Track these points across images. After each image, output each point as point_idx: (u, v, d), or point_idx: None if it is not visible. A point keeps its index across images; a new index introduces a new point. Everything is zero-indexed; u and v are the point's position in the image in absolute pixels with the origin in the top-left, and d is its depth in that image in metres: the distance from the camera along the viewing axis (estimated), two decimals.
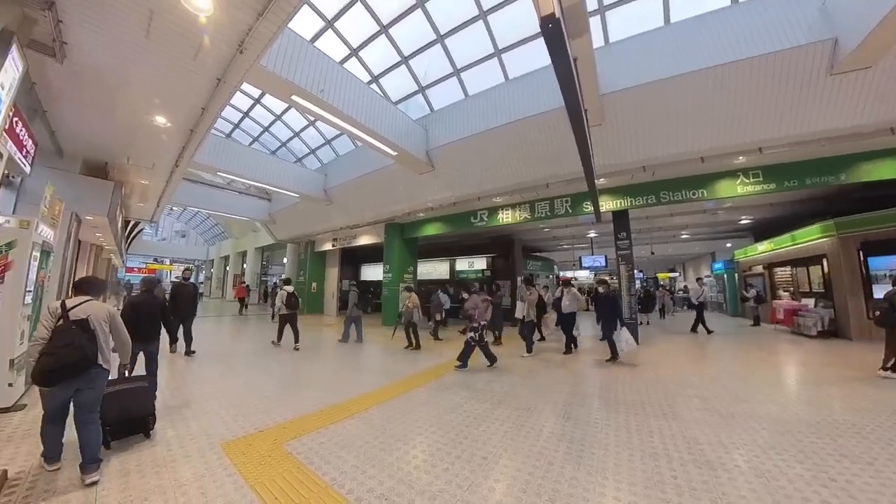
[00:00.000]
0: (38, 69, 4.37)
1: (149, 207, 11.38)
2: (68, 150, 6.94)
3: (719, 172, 8.33)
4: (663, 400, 4.29)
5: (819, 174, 7.59)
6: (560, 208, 10.04)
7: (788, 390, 4.76)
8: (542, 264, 20.70)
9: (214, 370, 5.79)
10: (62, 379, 2.45)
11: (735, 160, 7.77)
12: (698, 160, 7.64)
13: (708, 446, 3.01)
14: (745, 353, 7.61)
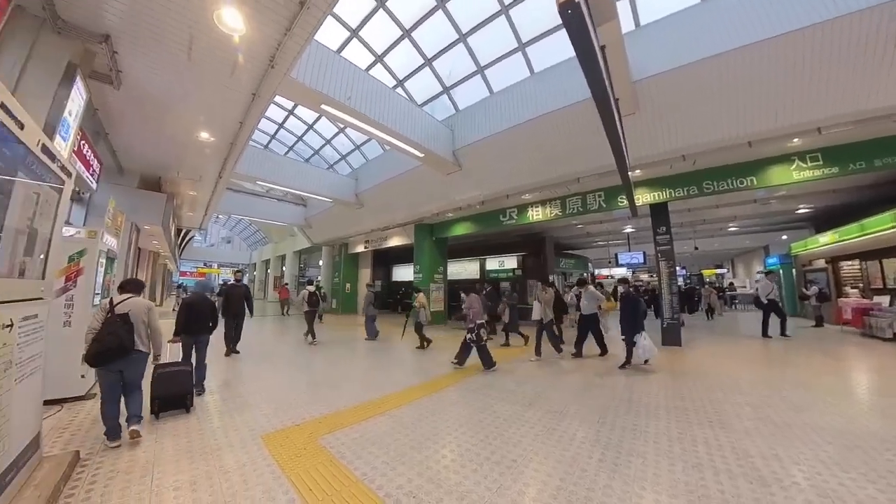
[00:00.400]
0: (100, 97, 4.86)
1: (197, 216, 12.32)
2: (127, 167, 7.67)
3: (771, 157, 7.61)
4: (709, 407, 4.00)
5: (891, 154, 6.72)
6: (593, 203, 9.66)
7: (858, 400, 4.26)
8: (576, 262, 20.07)
9: (258, 367, 6.12)
10: (106, 361, 2.97)
11: (789, 143, 7.07)
12: (745, 145, 7.01)
13: (761, 459, 2.77)
14: (804, 357, 6.86)
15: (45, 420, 3.45)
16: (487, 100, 8.84)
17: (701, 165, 8.05)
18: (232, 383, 5.08)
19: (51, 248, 2.45)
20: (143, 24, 3.75)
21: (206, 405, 4.10)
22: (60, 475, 2.47)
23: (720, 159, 7.71)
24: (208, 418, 3.69)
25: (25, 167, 2.00)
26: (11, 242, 1.96)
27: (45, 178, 2.26)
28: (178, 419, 3.68)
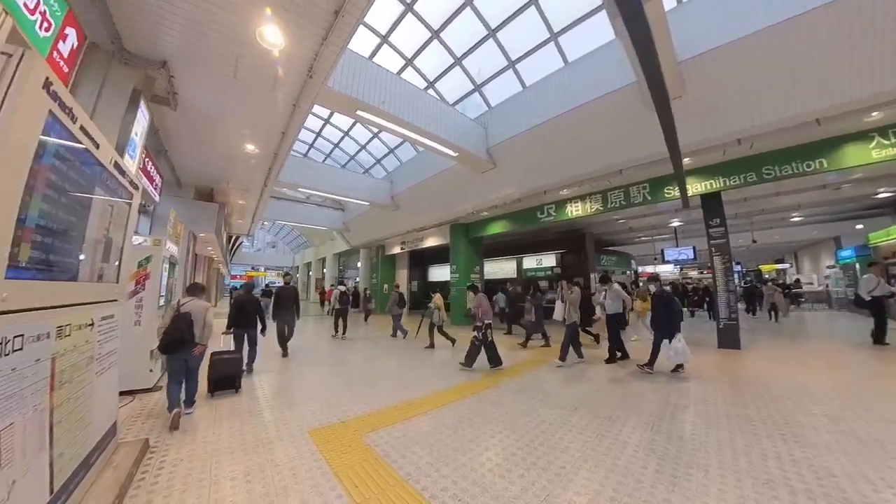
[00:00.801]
0: (159, 118, 5.34)
1: (245, 223, 13.20)
2: (184, 180, 8.36)
3: (844, 136, 6.73)
4: (777, 417, 3.61)
5: None
6: (637, 196, 9.10)
7: None
8: (618, 259, 19.00)
9: (305, 364, 6.41)
10: (172, 350, 3.64)
11: (866, 117, 6.21)
12: (813, 123, 6.27)
13: (846, 479, 2.44)
14: (892, 364, 6.03)
15: (120, 409, 3.83)
16: (520, 94, 8.64)
17: (759, 149, 7.34)
18: (281, 380, 5.35)
19: (123, 254, 2.69)
20: (194, 48, 4.05)
21: (258, 400, 4.33)
22: (133, 460, 2.72)
23: (782, 141, 6.96)
24: (259, 412, 3.89)
25: (101, 182, 2.21)
26: (92, 251, 2.17)
27: (117, 192, 2.49)
28: (231, 399, 4.29)
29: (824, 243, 20.72)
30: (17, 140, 1.37)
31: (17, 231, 1.38)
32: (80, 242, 2.00)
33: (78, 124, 1.85)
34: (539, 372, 5.74)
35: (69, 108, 1.73)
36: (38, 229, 1.54)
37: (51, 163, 1.60)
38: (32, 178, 1.45)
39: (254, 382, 5.14)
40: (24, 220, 1.43)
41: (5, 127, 1.30)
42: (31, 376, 1.55)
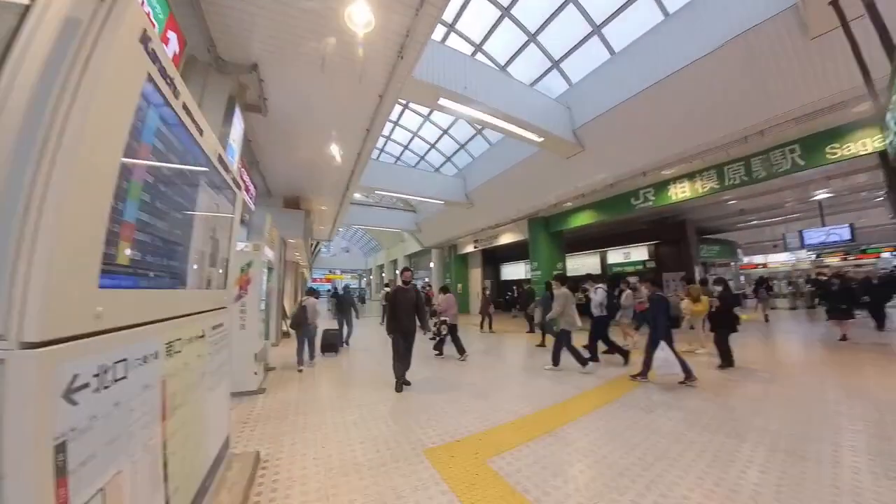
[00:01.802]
0: (251, 127, 5.47)
1: (326, 229, 13.82)
2: (274, 189, 8.83)
3: None
4: None
5: None
6: (782, 162, 6.94)
7: None
8: (720, 249, 16.20)
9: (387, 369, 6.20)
10: (296, 327, 6.16)
11: None
12: None
13: None
14: None
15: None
16: (608, 64, 7.57)
17: None
18: (376, 383, 5.12)
19: (230, 258, 2.50)
20: (282, 44, 3.94)
21: (365, 419, 4.08)
22: (247, 478, 2.52)
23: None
24: (367, 427, 3.59)
25: (206, 175, 1.97)
26: (200, 253, 1.93)
27: (222, 189, 2.27)
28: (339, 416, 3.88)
29: None
30: (110, 105, 1.04)
31: (113, 225, 1.05)
32: (187, 243, 1.75)
33: (181, 101, 1.57)
34: (664, 384, 4.73)
35: (170, 78, 1.43)
36: (140, 224, 1.23)
37: (150, 142, 1.29)
38: (129, 156, 1.12)
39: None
40: (122, 211, 1.11)
41: (93, 87, 0.96)
42: (139, 408, 1.25)
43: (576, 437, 3.23)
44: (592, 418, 3.67)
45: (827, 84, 5.49)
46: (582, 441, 3.15)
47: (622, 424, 3.49)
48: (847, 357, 6.18)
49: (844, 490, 2.29)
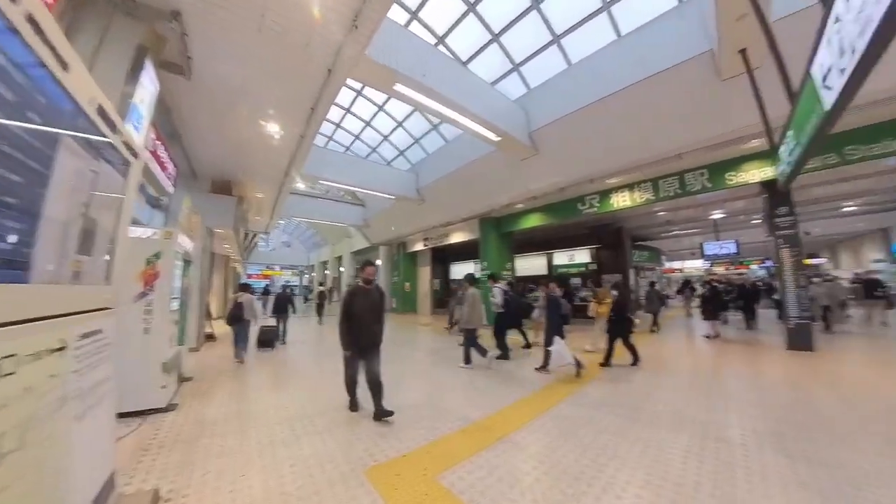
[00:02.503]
0: (172, 91, 4.61)
1: (263, 220, 12.54)
2: (200, 171, 7.71)
3: None
4: None
5: None
6: (694, 183, 8.14)
7: None
8: (650, 255, 17.99)
9: (327, 373, 5.71)
10: (232, 323, 6.45)
11: None
12: None
13: None
14: None
15: (125, 439, 3.13)
16: (565, 73, 7.78)
17: (844, 126, 6.33)
18: (314, 393, 4.61)
19: (117, 245, 1.94)
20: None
21: (296, 435, 3.57)
22: None
23: (871, 116, 5.96)
24: (297, 443, 3.12)
25: (74, 129, 1.44)
26: (57, 235, 1.40)
27: (102, 153, 1.72)
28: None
29: (869, 236, 19.36)
30: None
31: None
32: (31, 218, 1.23)
33: (22, 7, 1.08)
34: (600, 381, 4.93)
35: None
36: None
37: None
38: None
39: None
40: None
41: None
42: None
43: (529, 442, 3.10)
44: (544, 420, 3.59)
45: (732, 120, 6.30)
46: (536, 445, 3.04)
47: (573, 424, 3.46)
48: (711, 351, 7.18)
49: (755, 470, 2.47)
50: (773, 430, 3.27)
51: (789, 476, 2.50)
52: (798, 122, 3.36)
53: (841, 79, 2.15)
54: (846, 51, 2.02)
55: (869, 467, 2.59)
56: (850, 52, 1.96)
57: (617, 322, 5.84)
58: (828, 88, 2.42)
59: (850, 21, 1.93)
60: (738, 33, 4.69)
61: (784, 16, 4.60)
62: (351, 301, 3.64)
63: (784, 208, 7.30)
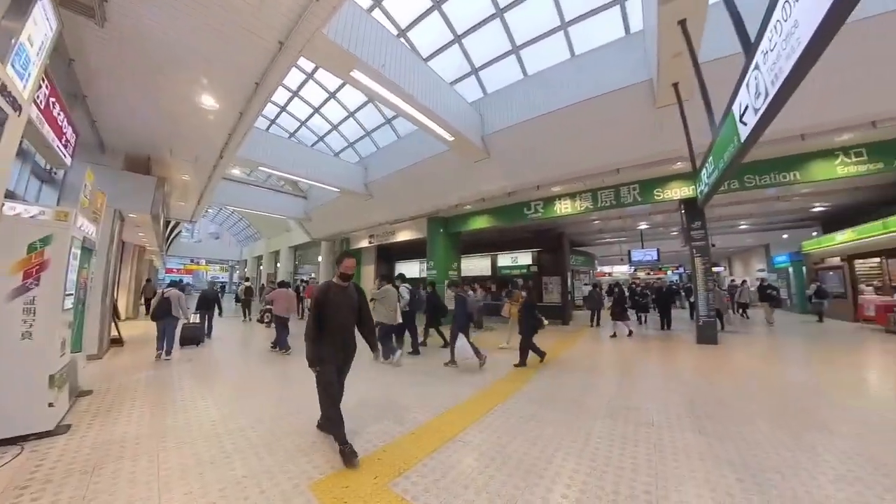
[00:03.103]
0: (80, 41, 3.83)
1: (189, 206, 11.10)
2: (110, 142, 6.56)
3: (815, 152, 7.19)
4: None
5: None
6: (627, 196, 9.08)
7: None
8: (585, 259, 19.62)
9: (259, 377, 5.24)
10: (157, 318, 6.17)
11: (838, 137, 6.69)
12: (797, 138, 6.57)
13: None
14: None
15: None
16: (521, 83, 8.15)
17: (748, 158, 7.57)
18: (249, 403, 4.16)
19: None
20: None
21: (235, 448, 3.18)
22: None
23: (766, 153, 7.16)
24: (227, 461, 2.77)
25: None
26: None
27: None
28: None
29: (755, 250, 23.21)
30: None
31: None
32: None
33: None
34: (541, 378, 5.19)
35: None
36: None
37: None
38: None
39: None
40: None
41: None
42: None
43: (479, 440, 3.11)
44: (493, 417, 3.65)
45: (663, 143, 7.14)
46: (486, 443, 3.06)
47: (519, 420, 3.57)
48: (636, 346, 7.95)
49: (679, 448, 2.85)
50: (689, 412, 3.75)
51: (705, 450, 2.88)
52: (717, 151, 3.88)
53: (755, 117, 2.53)
54: (761, 94, 2.38)
55: (761, 437, 3.11)
56: (765, 96, 2.31)
57: (525, 321, 6.02)
58: (744, 124, 2.82)
59: (766, 70, 2.26)
60: (673, 68, 5.30)
61: (712, 59, 5.24)
62: (324, 301, 2.91)
63: (698, 223, 8.44)
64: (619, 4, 6.61)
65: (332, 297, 2.95)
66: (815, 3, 1.61)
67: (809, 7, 1.68)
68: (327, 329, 2.92)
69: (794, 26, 1.83)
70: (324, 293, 2.97)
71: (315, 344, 2.88)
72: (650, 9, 4.89)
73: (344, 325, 3.01)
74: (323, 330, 2.91)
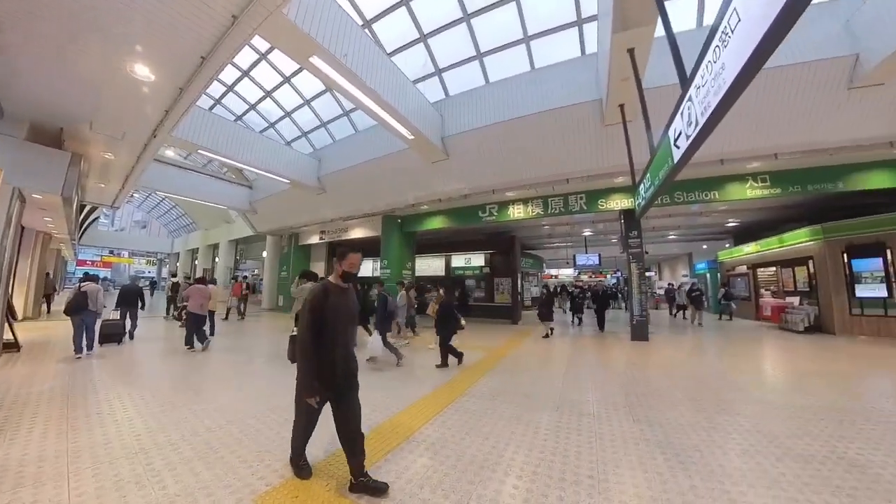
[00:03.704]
0: None
1: (111, 189, 9.75)
2: (11, 108, 5.57)
3: (732, 175, 8.37)
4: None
5: (821, 181, 7.93)
6: (574, 205, 9.74)
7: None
8: (534, 262, 20.58)
9: (187, 380, 4.85)
10: (73, 313, 5.81)
11: (749, 165, 7.85)
12: (717, 162, 7.57)
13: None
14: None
15: None
16: (482, 89, 8.42)
17: (680, 177, 8.61)
18: (180, 408, 3.80)
19: None
20: None
21: (145, 453, 2.87)
22: None
23: (693, 173, 8.18)
24: (157, 478, 2.50)
25: None
26: None
27: None
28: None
29: (680, 258, 26.17)
30: None
31: None
32: None
33: None
34: (494, 374, 5.43)
35: None
36: None
37: None
38: None
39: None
40: None
41: None
42: None
43: (434, 438, 3.15)
44: (447, 415, 3.71)
45: (609, 158, 7.84)
46: (441, 441, 3.10)
47: (473, 416, 3.68)
48: (577, 343, 8.70)
49: (616, 434, 3.14)
50: (625, 402, 4.14)
51: (638, 436, 3.21)
52: (654, 169, 4.31)
53: (687, 142, 2.88)
54: (692, 122, 2.71)
55: (683, 421, 3.54)
56: (695, 125, 2.63)
57: (441, 321, 5.93)
58: (677, 147, 3.18)
59: (697, 102, 2.58)
60: (620, 91, 5.81)
61: (655, 87, 5.82)
62: (323, 305, 2.31)
63: (635, 232, 9.30)
64: (577, 27, 7.08)
65: (333, 301, 2.36)
66: (739, 51, 1.89)
67: (734, 53, 1.95)
68: (323, 342, 2.30)
69: (722, 68, 2.12)
70: (322, 297, 2.32)
71: (311, 363, 2.25)
72: (604, 35, 5.32)
73: (345, 338, 2.42)
74: (321, 345, 2.29)
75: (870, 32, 5.54)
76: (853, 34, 5.77)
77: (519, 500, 2.27)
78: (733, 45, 1.96)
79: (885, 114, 6.30)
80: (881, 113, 6.28)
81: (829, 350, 7.44)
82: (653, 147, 4.33)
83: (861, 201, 9.48)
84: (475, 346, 7.72)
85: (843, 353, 7.16)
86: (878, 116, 6.34)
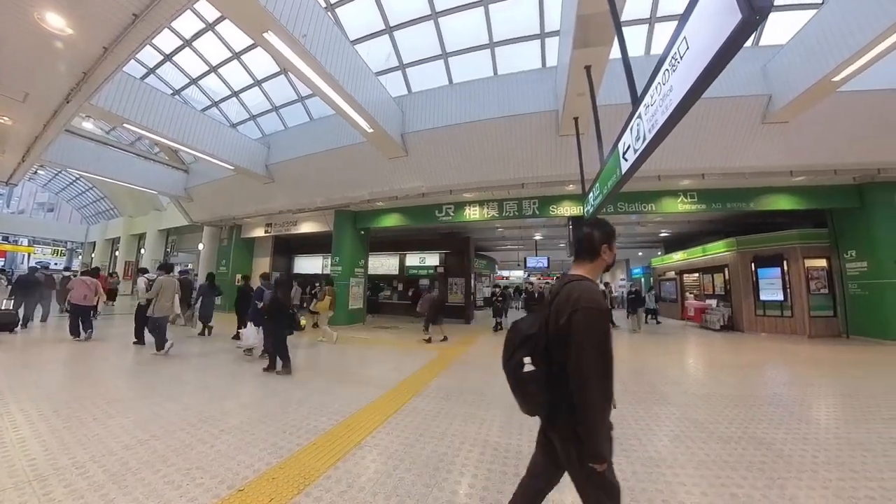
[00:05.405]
0: None
1: (8, 162, 8.22)
2: None
3: (667, 191, 9.34)
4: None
5: (736, 201, 9.16)
6: (528, 209, 10.13)
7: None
8: (486, 263, 21.13)
9: (117, 392, 4.26)
10: None
11: (681, 182, 8.78)
12: (656, 178, 8.36)
13: None
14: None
15: None
16: (445, 89, 8.47)
17: (623, 189, 9.43)
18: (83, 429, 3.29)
19: None
20: None
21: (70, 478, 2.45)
22: None
23: (634, 187, 8.90)
24: (76, 497, 2.14)
25: None
26: None
27: None
28: None
29: (619, 263, 28.59)
30: None
31: None
32: None
33: None
34: (449, 373, 5.39)
35: None
36: None
37: None
38: None
39: None
40: None
41: None
42: None
43: (387, 443, 3.05)
44: (399, 417, 3.63)
45: (561, 166, 8.33)
46: (394, 445, 3.01)
47: (426, 417, 3.65)
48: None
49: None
50: None
51: None
52: (603, 179, 4.61)
53: (634, 155, 3.11)
54: (640, 138, 2.93)
55: (625, 412, 3.81)
56: (643, 139, 2.85)
57: (270, 320, 5.23)
58: (625, 160, 3.43)
59: (646, 119, 2.80)
60: (576, 105, 6.17)
61: (607, 104, 6.22)
62: None
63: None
64: (540, 40, 7.39)
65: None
66: (686, 76, 2.07)
67: (681, 78, 2.14)
68: None
69: (670, 90, 2.31)
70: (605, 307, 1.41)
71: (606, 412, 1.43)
72: (565, 51, 5.61)
73: None
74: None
75: (781, 77, 6.54)
76: (768, 77, 6.81)
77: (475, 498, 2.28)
78: (681, 71, 2.14)
79: (788, 148, 7.49)
80: (785, 146, 7.47)
81: (740, 345, 8.54)
82: (603, 158, 4.63)
83: (768, 220, 11.19)
84: (431, 346, 7.74)
85: (749, 347, 8.21)
86: (783, 149, 7.52)
